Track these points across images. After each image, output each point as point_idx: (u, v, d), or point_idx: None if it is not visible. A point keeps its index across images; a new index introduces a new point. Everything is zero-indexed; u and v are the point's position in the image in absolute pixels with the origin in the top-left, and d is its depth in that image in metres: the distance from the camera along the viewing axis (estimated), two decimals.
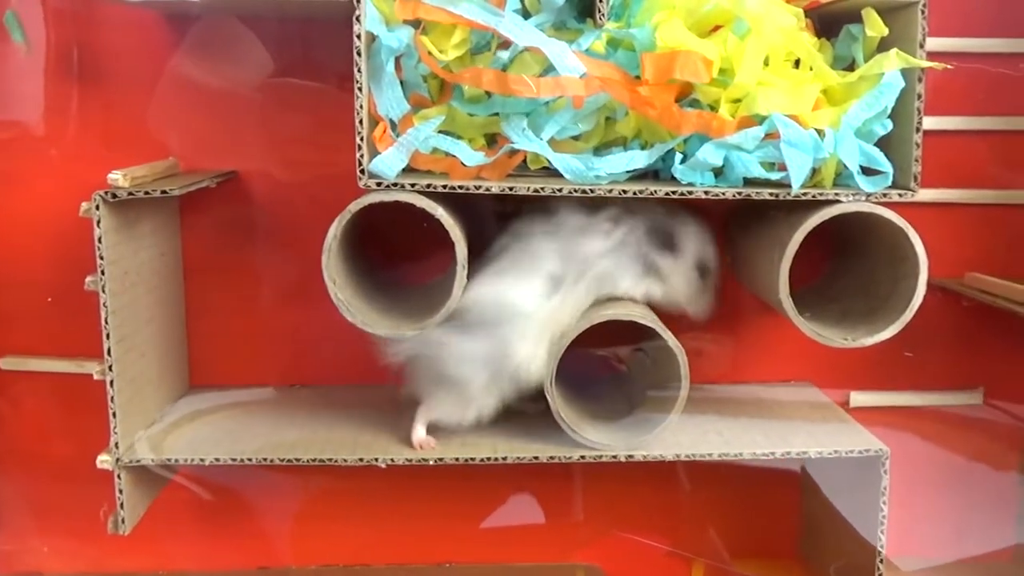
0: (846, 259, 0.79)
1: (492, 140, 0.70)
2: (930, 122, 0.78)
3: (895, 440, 0.75)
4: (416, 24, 0.66)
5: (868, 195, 0.66)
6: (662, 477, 0.84)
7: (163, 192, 0.66)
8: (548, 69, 0.66)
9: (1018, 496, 0.85)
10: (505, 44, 0.67)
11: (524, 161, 0.69)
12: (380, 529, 0.85)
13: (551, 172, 0.68)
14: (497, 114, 0.69)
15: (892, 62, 0.64)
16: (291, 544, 0.84)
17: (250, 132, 0.79)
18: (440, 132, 0.69)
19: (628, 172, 0.68)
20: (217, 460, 0.69)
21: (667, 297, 0.74)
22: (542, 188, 0.66)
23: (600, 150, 0.70)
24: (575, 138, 0.70)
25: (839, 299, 0.77)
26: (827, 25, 0.72)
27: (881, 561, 0.70)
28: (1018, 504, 0.85)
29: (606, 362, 0.80)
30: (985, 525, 0.85)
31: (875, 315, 0.70)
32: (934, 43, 0.77)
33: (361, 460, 0.69)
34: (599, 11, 0.63)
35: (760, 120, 0.65)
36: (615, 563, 0.86)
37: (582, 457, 0.69)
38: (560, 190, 0.66)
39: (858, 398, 0.83)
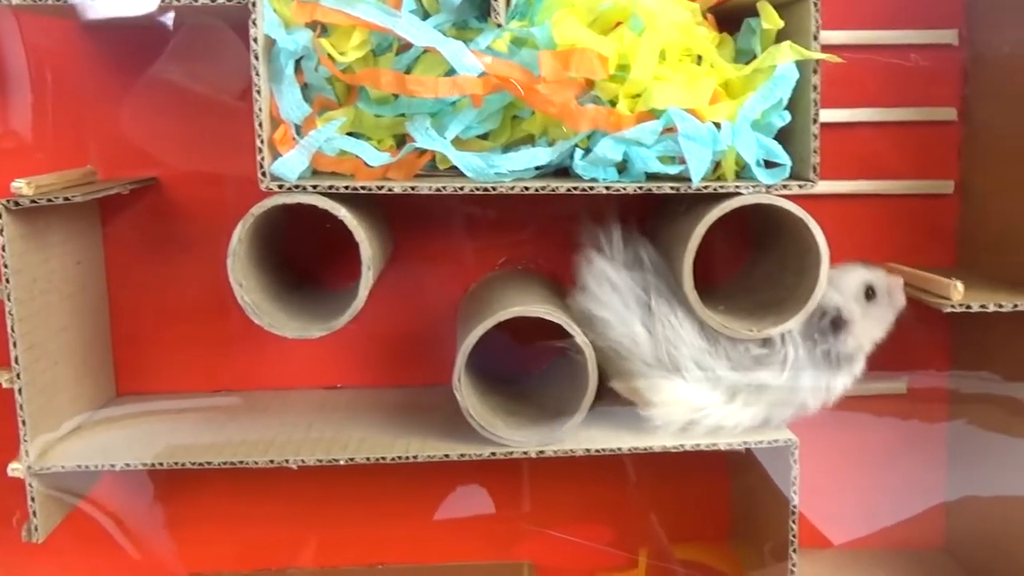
0: (763, 252, 0.80)
1: (401, 141, 0.71)
2: (838, 114, 0.80)
3: (819, 428, 0.77)
4: (317, 26, 0.67)
5: (768, 187, 0.67)
6: (597, 470, 0.84)
7: (66, 199, 0.66)
8: (453, 69, 0.67)
9: (942, 482, 0.85)
10: (408, 45, 0.67)
11: (434, 160, 0.70)
12: (312, 531, 0.85)
13: (460, 172, 0.68)
14: (404, 115, 0.69)
15: (785, 54, 0.65)
16: (218, 549, 0.84)
17: (171, 139, 0.80)
18: (348, 134, 0.70)
19: (531, 169, 0.68)
20: (128, 465, 0.69)
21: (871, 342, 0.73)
22: (444, 187, 0.66)
23: (509, 148, 0.71)
24: (483, 137, 0.71)
25: (755, 291, 0.77)
26: (730, 20, 0.73)
27: (795, 551, 0.71)
28: (943, 490, 0.85)
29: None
30: (910, 512, 0.85)
31: (782, 306, 0.71)
32: (834, 36, 0.78)
33: (272, 462, 0.69)
34: (494, 10, 0.64)
35: (658, 115, 0.66)
36: (549, 559, 0.87)
37: (492, 454, 0.70)
38: (462, 189, 0.66)
39: None
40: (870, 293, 0.72)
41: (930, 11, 0.79)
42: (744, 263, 0.82)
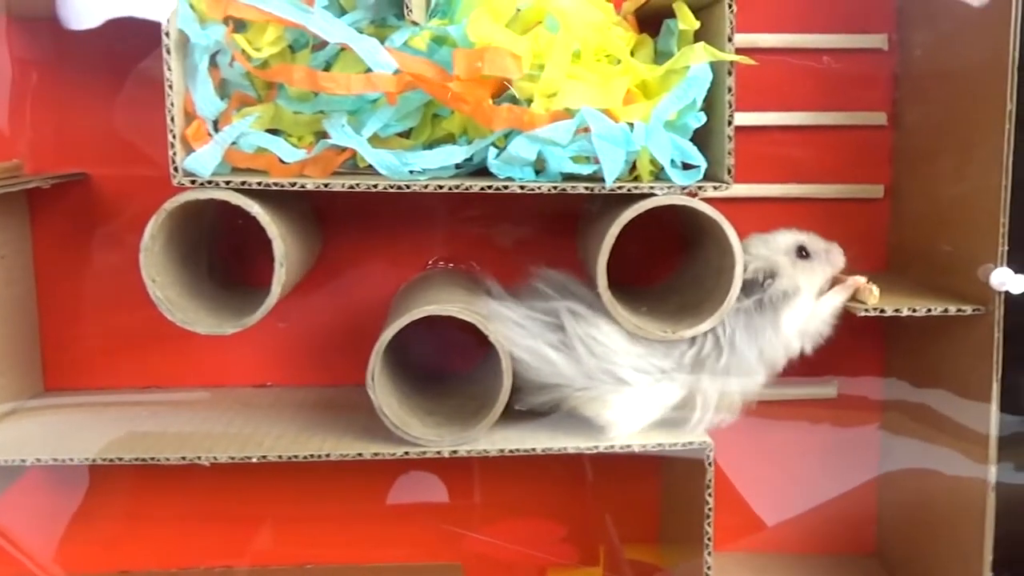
0: (692, 253, 0.80)
1: (322, 137, 0.71)
2: (769, 118, 0.80)
3: (751, 432, 0.77)
4: (235, 22, 0.67)
5: (683, 188, 0.67)
6: (530, 470, 0.84)
7: None
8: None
9: (874, 487, 0.85)
10: (325, 42, 0.67)
11: (354, 158, 0.70)
12: (241, 531, 0.85)
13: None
14: (323, 112, 0.69)
15: (698, 55, 0.65)
16: (146, 548, 0.84)
17: (101, 133, 0.79)
18: (269, 130, 0.70)
19: (450, 167, 0.68)
20: (39, 460, 0.68)
21: (811, 295, 0.72)
22: (357, 185, 0.66)
23: (430, 147, 0.70)
24: (404, 135, 0.70)
25: (681, 292, 0.77)
26: (653, 21, 0.73)
27: (709, 554, 0.70)
28: (875, 495, 0.85)
29: None
30: (841, 517, 0.85)
31: (701, 307, 0.71)
32: (765, 39, 0.78)
33: (184, 459, 0.69)
34: (407, 8, 0.64)
35: (573, 114, 0.65)
36: (481, 560, 0.87)
37: (406, 453, 0.69)
38: (376, 187, 0.66)
39: None
40: (803, 252, 0.72)
41: (861, 16, 0.79)
42: (676, 265, 0.82)
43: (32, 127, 0.79)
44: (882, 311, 0.68)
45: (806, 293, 0.72)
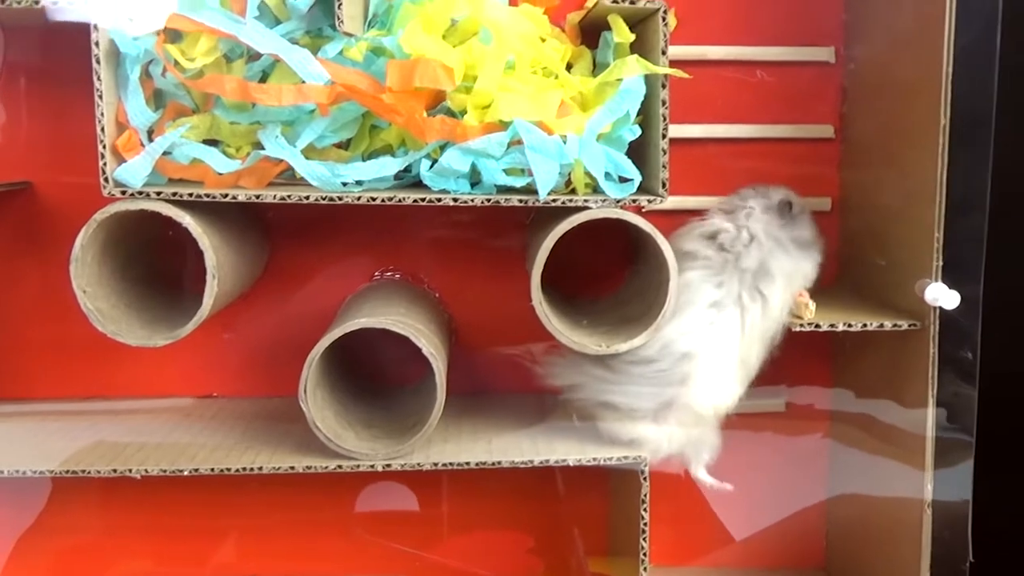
0: (637, 266, 0.79)
1: (260, 147, 0.70)
2: (715, 130, 0.80)
3: None
4: (170, 32, 0.66)
5: (617, 201, 0.66)
6: (486, 484, 0.83)
7: None
8: None
9: (823, 500, 0.84)
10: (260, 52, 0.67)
11: (292, 169, 0.69)
12: (188, 543, 0.84)
13: None
14: (259, 122, 0.69)
15: (631, 68, 0.64)
16: (88, 561, 0.83)
17: (44, 142, 0.79)
18: (207, 140, 0.69)
19: (388, 179, 0.68)
20: None
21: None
22: (288, 197, 0.66)
23: (369, 158, 0.70)
24: (341, 146, 0.70)
25: (624, 305, 0.77)
26: (594, 32, 0.72)
27: (645, 569, 0.70)
28: (826, 515, 0.84)
29: None
30: (790, 531, 0.84)
31: (640, 321, 0.70)
32: (713, 51, 0.78)
33: (115, 471, 0.68)
34: (338, 19, 0.63)
35: (506, 126, 0.65)
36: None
37: (339, 467, 0.69)
38: (307, 198, 0.66)
39: None
40: (783, 208, 0.73)
41: (808, 29, 0.79)
42: (624, 277, 0.82)
43: None
44: (817, 326, 0.68)
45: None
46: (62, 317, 0.81)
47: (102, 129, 0.64)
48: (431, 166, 0.66)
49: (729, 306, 0.70)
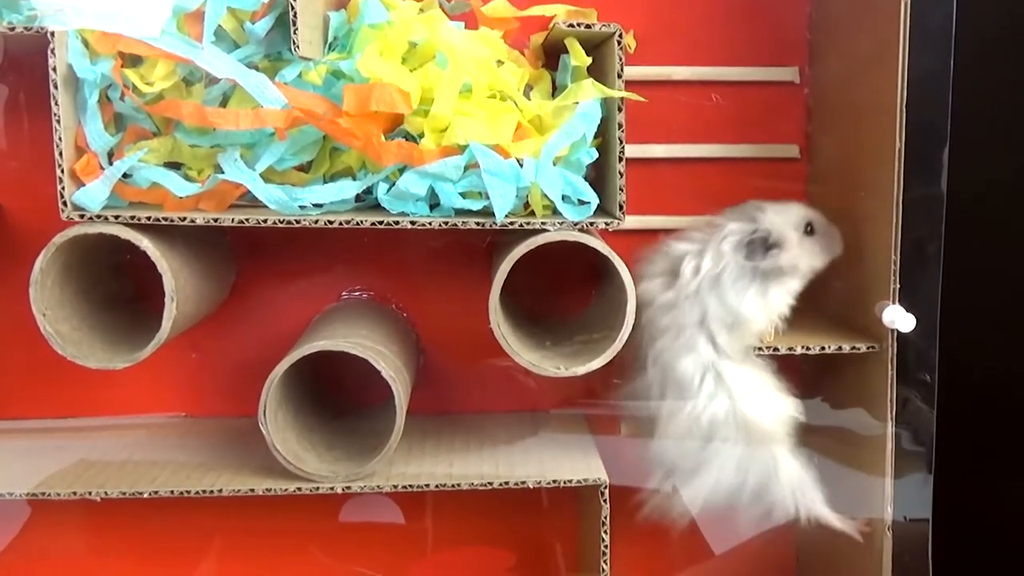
0: (602, 288, 0.79)
1: (221, 170, 0.70)
2: (680, 150, 0.80)
3: None
4: (129, 56, 0.66)
5: (575, 224, 0.66)
6: (446, 504, 0.83)
7: None
8: None
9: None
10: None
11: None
12: (157, 564, 0.84)
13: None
14: (220, 145, 0.69)
15: (586, 92, 0.65)
16: None
17: (11, 164, 0.79)
18: (168, 163, 0.69)
19: (349, 201, 0.68)
20: None
21: (804, 276, 0.71)
22: (247, 220, 0.66)
23: (330, 180, 0.70)
24: (302, 168, 0.70)
25: (589, 326, 0.77)
26: (556, 55, 0.72)
27: None
28: (794, 538, 0.84)
29: None
30: (759, 546, 0.84)
31: (601, 343, 0.70)
32: (678, 72, 0.78)
33: (75, 493, 0.68)
34: (294, 43, 0.64)
35: (463, 150, 0.65)
36: None
37: (298, 489, 0.69)
38: (266, 221, 0.66)
39: None
40: (809, 229, 0.71)
41: (772, 49, 0.79)
42: (591, 298, 0.82)
43: None
44: (775, 349, 0.68)
45: (801, 276, 0.71)
46: (32, 338, 0.81)
47: (60, 153, 0.64)
48: (389, 189, 0.66)
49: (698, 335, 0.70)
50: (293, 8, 0.62)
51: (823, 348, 0.67)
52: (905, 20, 0.63)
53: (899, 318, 0.63)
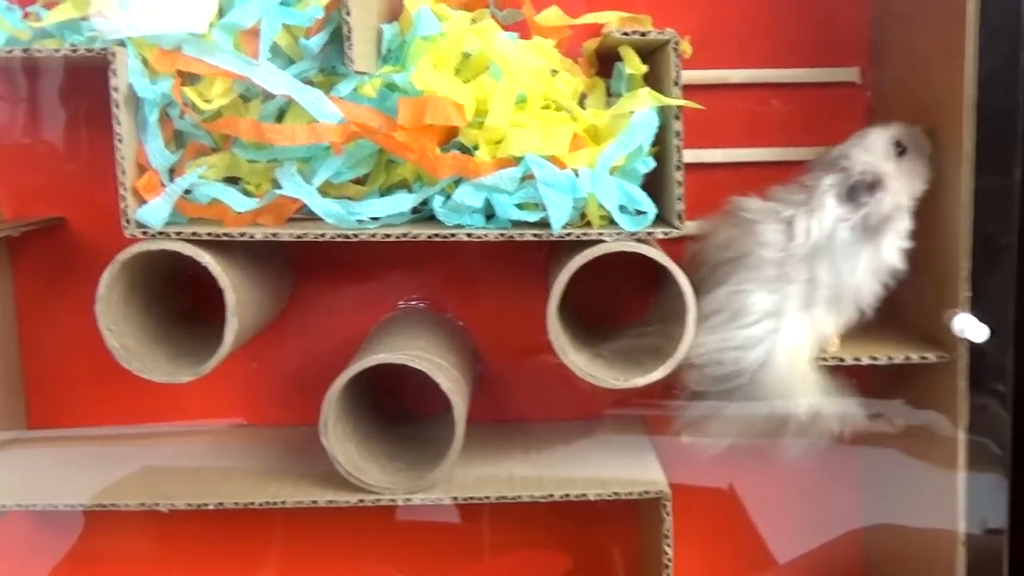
0: (661, 295, 0.78)
1: (278, 185, 0.71)
2: (739, 154, 0.78)
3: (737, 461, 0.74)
4: (188, 75, 0.67)
5: (633, 234, 0.65)
6: (504, 511, 0.83)
7: None
8: None
9: (860, 510, 0.82)
10: None
11: None
12: (219, 572, 0.86)
13: None
14: (277, 160, 0.69)
15: (642, 101, 0.64)
16: None
17: (76, 179, 0.81)
18: (226, 179, 0.70)
19: (405, 213, 0.68)
20: (3, 506, 0.70)
21: (905, 202, 0.67)
22: (305, 235, 0.66)
23: (386, 193, 0.71)
24: (358, 181, 0.71)
25: (647, 335, 0.75)
26: (610, 61, 0.72)
27: None
28: (862, 548, 0.82)
29: None
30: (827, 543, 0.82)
31: (661, 353, 0.69)
32: (735, 75, 0.77)
33: (143, 504, 0.70)
34: (348, 58, 0.64)
35: (519, 161, 0.65)
36: None
37: (360, 501, 0.69)
38: (323, 235, 0.66)
39: None
40: (900, 147, 0.67)
41: (832, 49, 0.77)
42: (650, 303, 0.81)
43: (10, 172, 0.81)
44: (841, 360, 0.66)
45: (907, 210, 0.67)
46: (95, 347, 0.83)
47: (123, 171, 0.65)
48: (445, 202, 0.66)
49: (791, 312, 0.67)
50: (347, 23, 0.62)
51: (890, 359, 0.66)
52: (973, 15, 0.61)
53: (970, 327, 0.61)
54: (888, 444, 0.75)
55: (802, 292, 0.67)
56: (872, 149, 0.67)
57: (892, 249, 0.67)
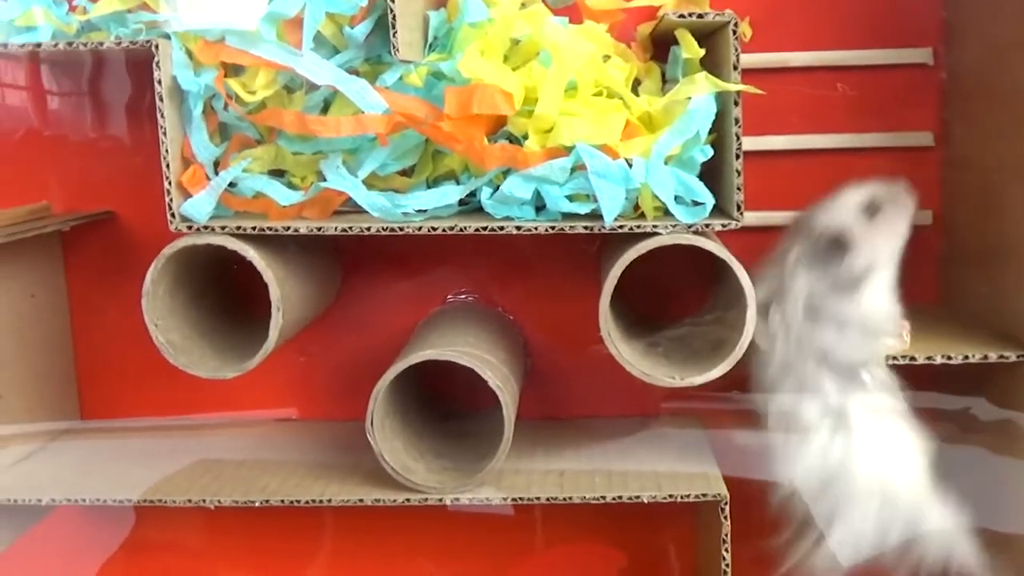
0: (718, 288, 0.75)
1: (324, 177, 0.70)
2: (804, 140, 0.75)
3: None
4: (232, 66, 0.66)
5: (689, 226, 0.63)
6: (562, 519, 0.82)
7: None
8: None
9: None
10: None
11: None
12: (268, 565, 0.85)
13: None
14: (322, 151, 0.68)
15: (700, 86, 0.61)
16: None
17: (125, 173, 0.81)
18: (272, 171, 0.69)
19: (452, 205, 0.66)
20: (54, 501, 0.70)
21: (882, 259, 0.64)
22: (350, 228, 0.65)
23: (433, 184, 0.69)
24: (405, 172, 0.69)
25: (704, 330, 0.72)
26: (666, 43, 0.69)
27: None
28: None
29: None
30: None
31: (720, 350, 0.66)
32: (798, 57, 0.73)
33: (190, 501, 0.69)
34: (394, 47, 0.62)
35: (569, 151, 0.62)
36: None
37: (407, 500, 0.68)
38: (369, 229, 0.65)
39: None
40: (872, 208, 0.64)
41: (902, 29, 0.73)
42: (707, 296, 0.78)
43: (60, 166, 0.81)
44: (912, 359, 0.63)
45: (888, 260, 0.64)
46: (146, 339, 0.82)
47: (167, 165, 0.65)
48: (493, 193, 0.64)
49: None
50: (392, 11, 0.60)
51: (966, 357, 0.62)
52: None
53: None
54: (968, 443, 0.71)
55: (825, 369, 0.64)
56: (839, 210, 0.65)
57: (879, 298, 0.64)
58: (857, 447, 0.64)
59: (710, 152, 0.63)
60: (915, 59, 0.73)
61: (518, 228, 0.64)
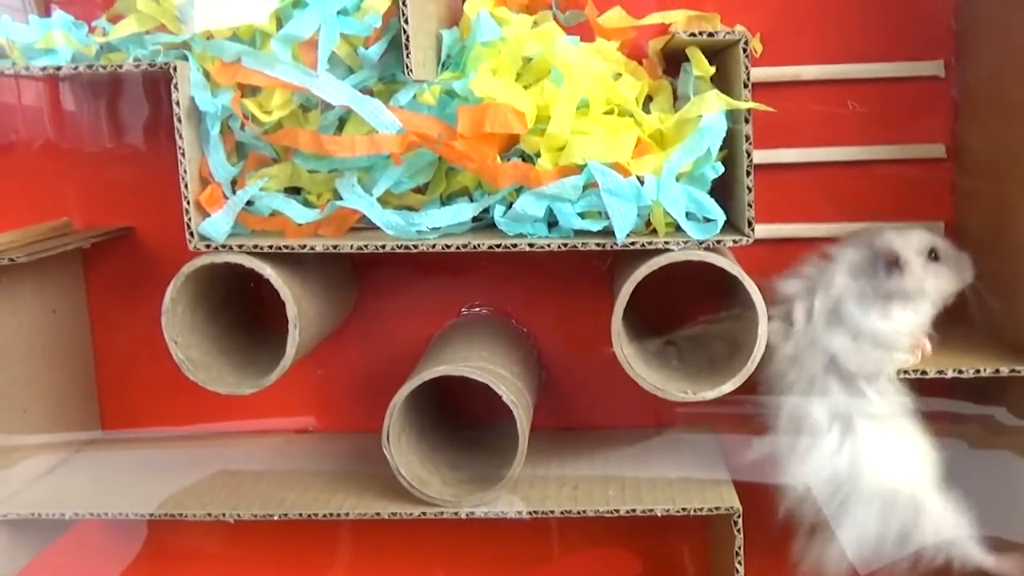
0: (730, 302, 0.75)
1: (339, 195, 0.71)
2: (816, 154, 0.75)
3: None
4: (246, 86, 0.67)
5: (700, 242, 0.63)
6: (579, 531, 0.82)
7: (11, 260, 0.69)
8: None
9: None
10: None
11: None
12: None
13: None
14: (337, 169, 0.69)
15: (711, 104, 0.61)
16: None
17: (144, 189, 0.82)
18: (288, 189, 0.70)
19: (466, 223, 0.67)
20: (76, 515, 0.71)
21: (934, 301, 0.67)
22: (366, 246, 0.65)
23: (447, 201, 0.69)
24: (418, 190, 0.70)
25: (715, 342, 0.73)
26: (676, 61, 0.69)
27: None
28: None
29: None
30: None
31: (732, 364, 0.67)
32: (809, 71, 0.74)
33: (209, 515, 0.70)
34: (407, 68, 0.62)
35: (581, 169, 0.63)
36: None
37: (423, 514, 0.68)
38: (384, 247, 0.65)
39: None
40: (933, 254, 0.66)
41: (914, 42, 0.73)
42: (719, 307, 0.78)
43: (81, 184, 0.82)
44: (923, 372, 0.63)
45: (930, 299, 0.66)
46: (165, 354, 0.83)
47: (186, 185, 0.66)
48: (506, 211, 0.65)
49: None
50: (405, 32, 0.61)
51: (978, 372, 0.62)
52: None
53: None
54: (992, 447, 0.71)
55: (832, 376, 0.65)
56: (907, 239, 0.66)
57: (904, 318, 0.65)
58: (863, 453, 0.65)
59: (721, 169, 0.63)
60: (926, 71, 0.73)
61: (531, 245, 0.64)
